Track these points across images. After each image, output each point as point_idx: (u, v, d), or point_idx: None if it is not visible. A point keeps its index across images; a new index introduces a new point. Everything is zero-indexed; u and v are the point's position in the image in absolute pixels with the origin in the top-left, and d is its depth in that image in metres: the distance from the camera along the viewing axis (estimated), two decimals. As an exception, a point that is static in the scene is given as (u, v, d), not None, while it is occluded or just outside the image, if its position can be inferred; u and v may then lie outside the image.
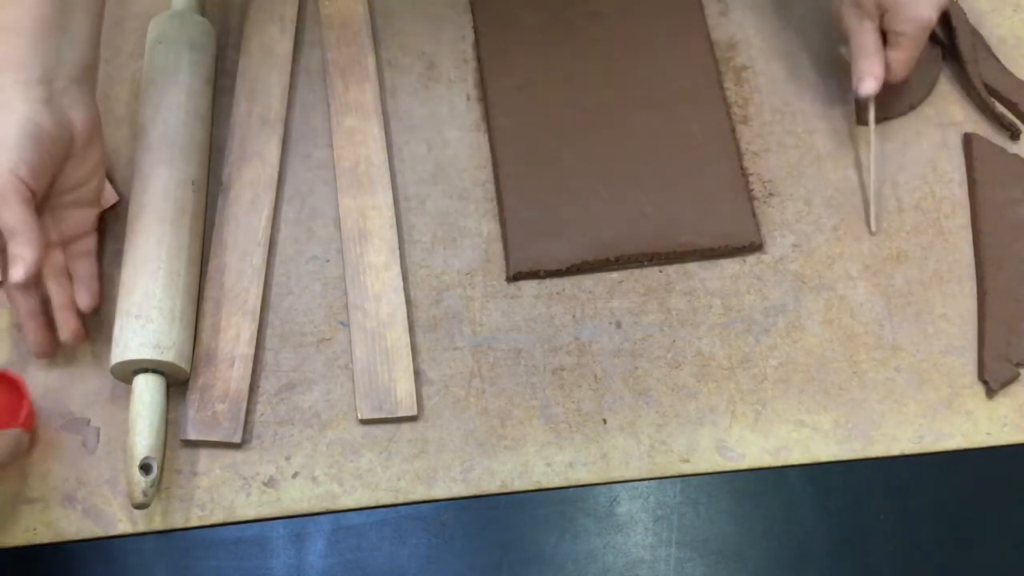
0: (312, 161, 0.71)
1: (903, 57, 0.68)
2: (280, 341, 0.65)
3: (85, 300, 0.62)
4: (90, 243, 0.64)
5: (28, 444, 0.59)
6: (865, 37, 0.68)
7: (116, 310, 0.61)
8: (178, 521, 0.60)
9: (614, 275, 0.68)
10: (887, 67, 0.68)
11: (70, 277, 0.63)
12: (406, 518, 0.61)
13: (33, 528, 0.60)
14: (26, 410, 0.59)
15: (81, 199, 0.62)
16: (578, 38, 0.74)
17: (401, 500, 0.61)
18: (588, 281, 0.67)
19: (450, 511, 0.62)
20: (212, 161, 0.69)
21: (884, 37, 0.68)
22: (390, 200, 0.69)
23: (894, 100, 0.73)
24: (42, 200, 0.59)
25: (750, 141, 0.72)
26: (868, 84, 0.68)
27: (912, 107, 0.73)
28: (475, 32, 0.76)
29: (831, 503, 0.62)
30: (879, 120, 0.72)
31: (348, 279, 0.66)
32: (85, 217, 0.63)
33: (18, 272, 0.55)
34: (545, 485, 0.62)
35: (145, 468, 0.58)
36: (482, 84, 0.73)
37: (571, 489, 0.62)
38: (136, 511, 0.60)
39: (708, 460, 0.63)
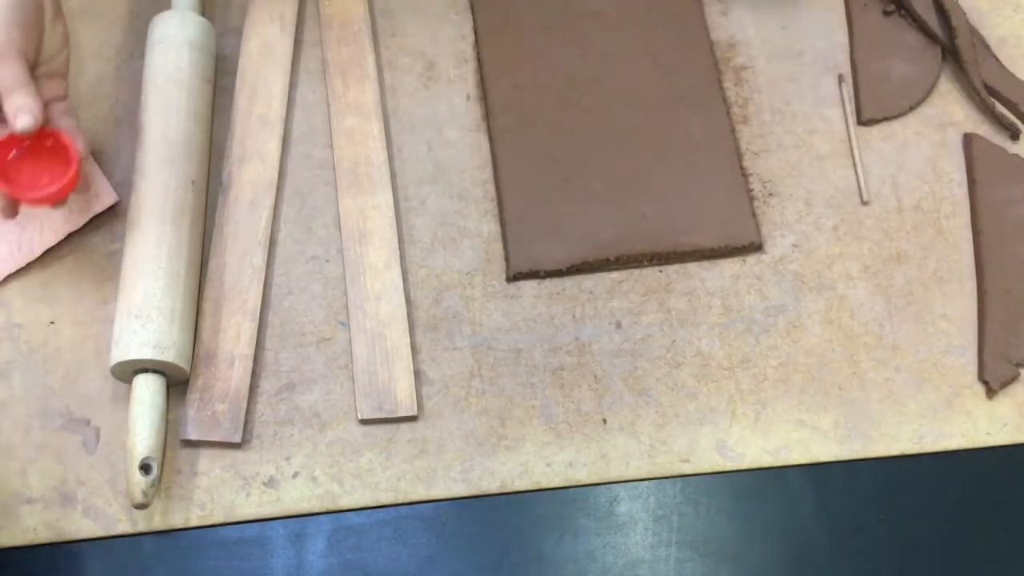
0: (312, 161, 0.71)
1: None
2: (280, 341, 0.65)
3: (81, 147, 0.62)
4: (67, 106, 0.64)
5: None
6: None
7: (116, 310, 0.61)
8: (178, 521, 0.60)
9: (614, 275, 0.68)
10: None
11: None
12: (406, 518, 0.61)
13: (33, 528, 0.60)
14: (73, 171, 0.59)
15: (53, 71, 0.63)
16: (578, 38, 0.74)
17: (401, 500, 0.61)
18: (588, 281, 0.67)
19: (450, 511, 0.62)
20: (212, 161, 0.69)
21: None
22: (390, 200, 0.69)
23: (894, 100, 0.73)
24: (30, 67, 0.61)
25: (750, 141, 0.72)
26: None
27: (912, 107, 0.73)
28: (475, 32, 0.75)
29: (831, 503, 0.62)
30: (878, 120, 0.73)
31: (348, 279, 0.66)
32: (58, 86, 0.64)
33: (26, 120, 0.57)
34: (545, 485, 0.62)
35: (145, 468, 0.58)
36: (482, 84, 0.73)
37: (571, 489, 0.62)
38: (136, 511, 0.60)
39: (708, 460, 0.63)
